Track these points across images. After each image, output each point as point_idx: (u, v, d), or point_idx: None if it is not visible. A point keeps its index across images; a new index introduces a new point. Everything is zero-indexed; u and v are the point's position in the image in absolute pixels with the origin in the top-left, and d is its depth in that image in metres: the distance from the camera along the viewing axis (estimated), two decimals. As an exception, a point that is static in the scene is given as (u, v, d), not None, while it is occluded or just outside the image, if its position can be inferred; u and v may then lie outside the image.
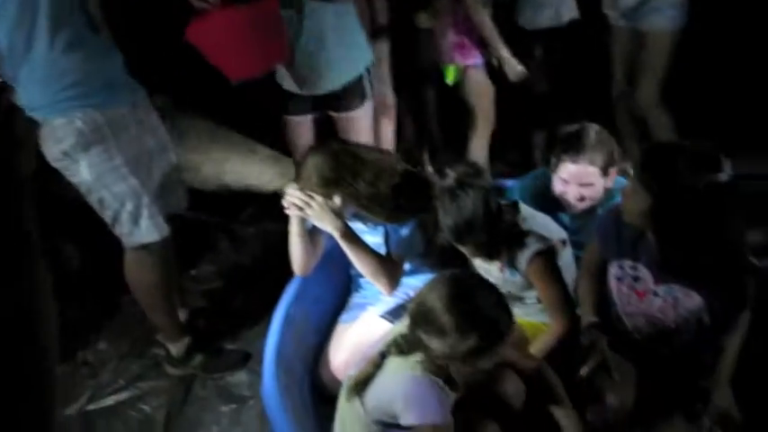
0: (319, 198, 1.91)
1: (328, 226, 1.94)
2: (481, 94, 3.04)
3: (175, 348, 2.40)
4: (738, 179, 1.47)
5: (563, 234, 1.91)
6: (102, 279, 3.00)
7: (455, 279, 1.50)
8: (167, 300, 2.33)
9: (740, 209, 1.51)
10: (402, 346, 1.53)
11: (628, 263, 1.64)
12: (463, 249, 1.87)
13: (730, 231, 1.47)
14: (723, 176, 1.42)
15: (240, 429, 2.19)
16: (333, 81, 2.52)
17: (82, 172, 1.98)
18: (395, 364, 1.54)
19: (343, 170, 1.90)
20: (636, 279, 1.64)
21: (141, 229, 2.10)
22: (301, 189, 1.93)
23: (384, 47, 2.96)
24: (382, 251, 2.07)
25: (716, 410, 1.53)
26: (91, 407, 2.37)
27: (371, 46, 2.69)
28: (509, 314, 1.48)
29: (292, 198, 1.93)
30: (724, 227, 1.46)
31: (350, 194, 1.92)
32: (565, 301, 1.82)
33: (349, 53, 2.52)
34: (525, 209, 1.91)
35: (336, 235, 1.95)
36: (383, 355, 1.57)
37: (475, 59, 2.95)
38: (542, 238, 1.83)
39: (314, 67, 2.47)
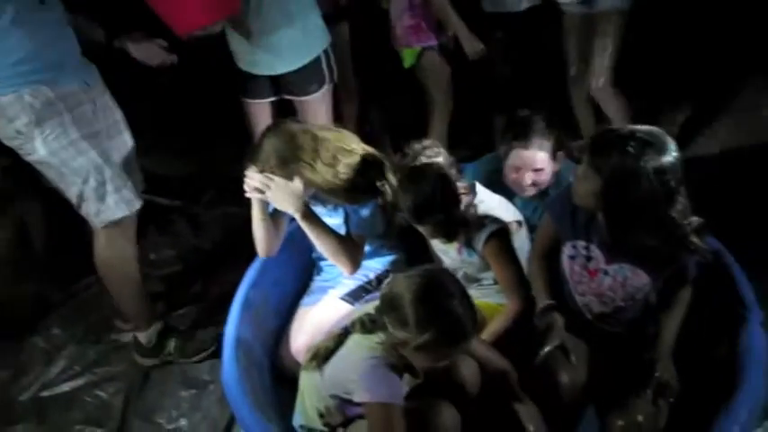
0: (279, 180, 1.88)
1: (289, 208, 1.92)
2: (438, 77, 3.05)
3: (146, 336, 2.34)
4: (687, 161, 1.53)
5: (519, 216, 1.94)
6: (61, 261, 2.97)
7: (429, 275, 1.51)
8: (138, 285, 2.28)
9: (685, 191, 1.56)
10: (366, 324, 1.55)
11: (581, 243, 1.69)
12: (422, 229, 1.89)
13: (675, 213, 1.51)
14: (669, 159, 1.46)
15: (200, 414, 2.18)
16: (290, 61, 2.49)
17: (38, 149, 1.92)
18: (355, 342, 1.56)
19: (301, 150, 1.87)
20: (588, 259, 1.68)
21: (109, 204, 2.05)
22: (260, 171, 1.90)
23: (345, 29, 2.94)
24: (342, 233, 2.07)
25: (657, 381, 1.59)
26: (45, 393, 2.34)
27: (333, 29, 2.67)
28: (474, 318, 1.50)
29: (252, 181, 1.91)
30: (669, 209, 1.50)
31: (309, 175, 1.90)
32: (520, 282, 1.86)
33: (306, 34, 2.49)
34: (482, 190, 1.93)
35: (297, 216, 1.93)
36: (346, 331, 1.59)
37: (430, 42, 2.95)
38: (498, 220, 1.86)
39: (272, 46, 2.44)
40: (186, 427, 2.15)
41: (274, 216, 2.07)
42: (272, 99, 2.66)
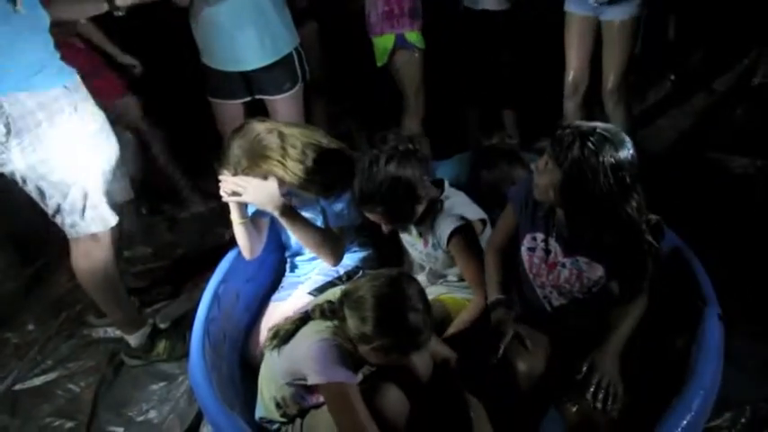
0: (254, 180, 1.89)
1: (268, 206, 1.93)
2: (410, 74, 3.06)
3: (135, 339, 2.33)
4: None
5: (483, 215, 1.96)
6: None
7: (395, 282, 1.53)
8: (120, 290, 2.25)
9: (642, 189, 1.59)
10: (326, 312, 1.58)
11: (540, 236, 1.72)
12: (369, 216, 1.90)
13: (630, 210, 1.54)
14: (626, 156, 1.50)
15: (169, 407, 2.19)
16: (261, 57, 2.51)
17: (15, 160, 1.84)
18: (309, 328, 1.59)
19: (270, 149, 1.88)
20: (547, 252, 1.71)
21: (86, 220, 2.01)
22: (234, 175, 1.90)
23: (314, 26, 2.95)
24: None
25: (597, 380, 1.59)
26: (18, 387, 2.34)
27: (303, 26, 2.69)
28: (431, 328, 1.53)
29: (228, 185, 1.91)
30: (625, 205, 1.53)
31: (281, 172, 1.91)
32: (482, 275, 1.87)
33: (277, 30, 2.51)
34: (449, 188, 1.96)
35: (277, 214, 1.94)
36: (306, 316, 1.62)
37: (404, 28, 2.93)
38: (462, 216, 1.88)
39: (242, 41, 2.45)
40: (155, 419, 2.16)
41: (254, 218, 2.07)
42: (245, 100, 2.66)
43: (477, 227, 1.91)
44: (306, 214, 2.07)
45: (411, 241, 2.00)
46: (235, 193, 1.91)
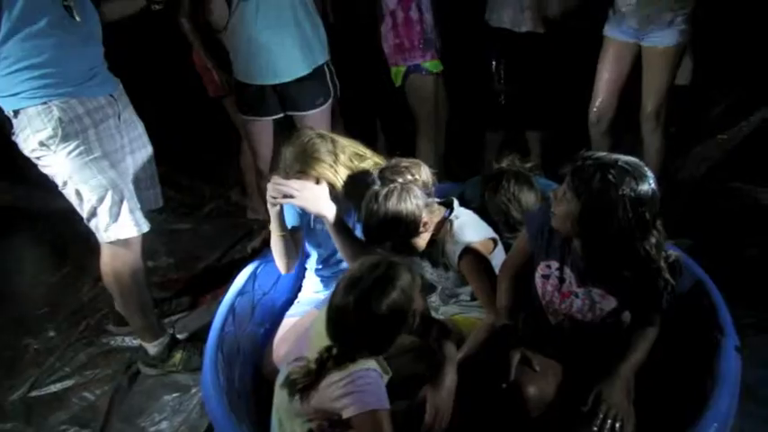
0: (307, 183, 1.88)
1: (322, 209, 1.89)
2: (423, 98, 3.08)
3: (154, 348, 2.36)
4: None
5: (493, 234, 1.95)
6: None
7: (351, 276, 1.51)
8: (144, 297, 2.29)
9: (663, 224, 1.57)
10: (329, 358, 1.52)
11: (555, 264, 1.69)
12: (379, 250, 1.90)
13: (649, 246, 1.51)
14: (647, 191, 1.47)
15: (181, 418, 2.21)
16: (293, 69, 2.55)
17: (59, 163, 1.93)
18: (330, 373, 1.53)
19: (322, 153, 1.90)
20: (561, 280, 1.68)
21: (119, 224, 2.06)
22: (286, 178, 1.89)
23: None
24: None
25: (604, 412, 1.54)
26: (33, 393, 2.38)
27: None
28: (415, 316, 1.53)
29: (281, 186, 1.87)
30: (644, 241, 1.50)
31: (331, 177, 1.91)
32: (494, 295, 1.84)
33: (309, 42, 2.56)
34: (458, 208, 1.96)
35: (330, 218, 1.90)
36: (322, 365, 1.54)
37: (415, 60, 2.99)
38: (473, 235, 1.88)
39: (282, 50, 2.50)
40: (167, 430, 2.18)
41: (292, 231, 2.08)
42: (277, 116, 2.69)
43: (487, 246, 1.90)
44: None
45: (422, 263, 2.01)
46: (285, 196, 1.88)
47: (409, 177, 1.83)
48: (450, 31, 3.13)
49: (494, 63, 3.09)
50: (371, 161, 1.98)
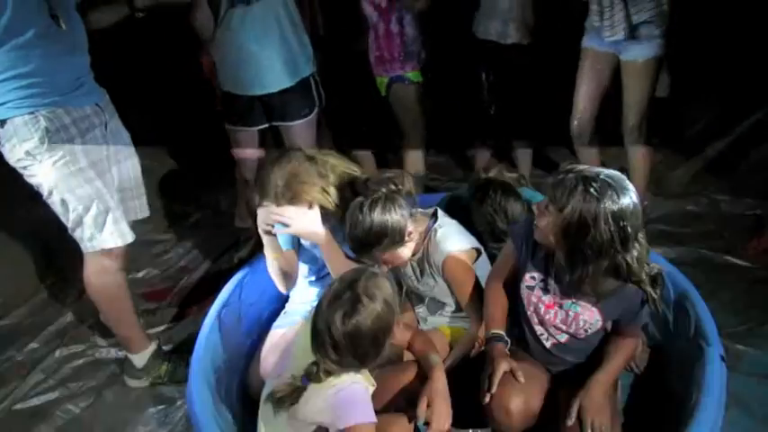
0: (300, 209, 1.87)
1: (314, 236, 1.91)
2: (405, 108, 3.12)
3: (139, 360, 2.34)
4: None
5: (476, 243, 1.96)
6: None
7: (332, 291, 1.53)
8: (129, 307, 2.28)
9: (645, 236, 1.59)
10: (320, 371, 1.54)
11: (539, 275, 1.71)
12: (365, 260, 1.89)
13: (631, 259, 1.52)
14: (628, 205, 1.48)
15: (167, 430, 2.19)
16: (280, 79, 2.56)
17: (45, 173, 1.92)
18: (314, 389, 1.55)
19: (313, 177, 1.88)
20: (545, 292, 1.70)
21: (104, 234, 2.05)
22: (277, 206, 1.87)
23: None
24: None
25: (589, 423, 1.55)
26: (17, 406, 2.34)
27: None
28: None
29: (272, 216, 1.87)
30: (626, 255, 1.51)
31: (323, 200, 1.90)
32: (478, 303, 1.86)
33: (295, 53, 2.57)
34: (443, 217, 1.97)
35: (322, 243, 1.92)
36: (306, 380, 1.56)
37: (396, 72, 3.03)
38: (456, 244, 1.89)
39: (261, 63, 2.51)
40: (152, 442, 2.16)
41: (286, 251, 2.07)
42: (262, 127, 2.70)
43: (470, 255, 1.91)
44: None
45: (408, 273, 2.01)
46: (283, 224, 1.87)
47: (393, 187, 1.83)
48: (437, 42, 3.15)
49: (483, 75, 3.11)
50: (359, 177, 1.98)
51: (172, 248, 3.27)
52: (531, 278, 1.72)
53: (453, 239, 1.90)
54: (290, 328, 2.17)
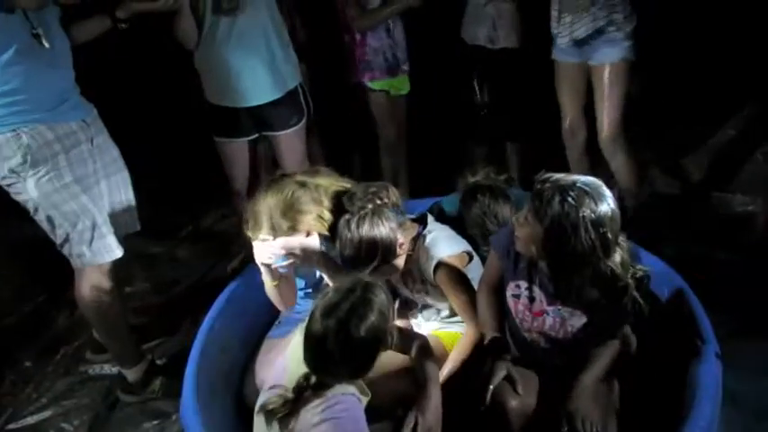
0: (299, 240, 1.85)
1: (316, 264, 1.91)
2: (380, 113, 3.14)
3: (132, 374, 2.32)
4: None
5: (467, 247, 1.96)
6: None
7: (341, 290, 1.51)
8: (121, 322, 2.26)
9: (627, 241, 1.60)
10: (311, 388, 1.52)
11: (524, 284, 1.71)
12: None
13: (614, 265, 1.53)
14: (606, 211, 1.48)
15: (162, 445, 2.18)
16: (268, 92, 2.55)
17: (29, 190, 1.91)
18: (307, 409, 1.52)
19: (308, 205, 1.86)
20: (531, 299, 1.70)
21: (93, 250, 2.04)
22: (274, 238, 1.84)
23: (302, 68, 3.04)
24: None
25: (578, 418, 1.56)
26: (11, 426, 2.32)
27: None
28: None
29: (273, 250, 1.85)
30: (607, 260, 1.52)
31: (319, 226, 1.88)
32: (472, 306, 1.86)
33: (282, 65, 2.57)
34: (432, 223, 1.97)
35: (323, 269, 1.92)
36: (297, 398, 1.54)
37: (362, 78, 3.06)
38: (446, 249, 1.89)
39: (249, 77, 2.50)
40: (148, 458, 2.14)
41: (282, 275, 2.03)
42: (251, 137, 2.69)
43: (461, 259, 1.91)
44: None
45: (400, 280, 2.01)
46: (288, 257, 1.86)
47: (378, 202, 1.82)
48: (426, 46, 3.17)
49: (474, 79, 3.12)
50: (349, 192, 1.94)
51: (164, 261, 3.26)
52: (515, 287, 1.73)
53: (443, 244, 1.90)
54: (284, 338, 2.16)
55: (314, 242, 1.89)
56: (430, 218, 1.98)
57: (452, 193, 2.41)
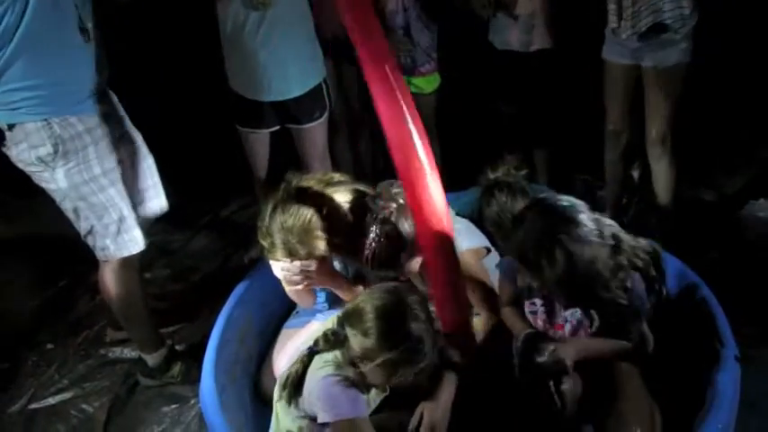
0: (318, 265, 1.85)
1: (332, 285, 1.95)
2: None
3: (152, 359, 2.36)
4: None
5: (486, 243, 1.96)
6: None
7: (394, 291, 1.54)
8: (144, 310, 2.30)
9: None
10: (329, 338, 1.58)
11: (539, 301, 1.74)
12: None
13: (612, 292, 1.58)
14: (593, 254, 1.53)
15: (180, 429, 2.21)
16: (298, 87, 2.57)
17: (58, 180, 1.92)
18: (316, 363, 1.58)
19: (320, 230, 1.81)
20: (550, 314, 1.73)
21: (118, 243, 2.06)
22: (292, 261, 1.84)
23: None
24: None
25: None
26: (33, 405, 2.37)
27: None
28: (432, 339, 1.51)
29: (297, 277, 1.86)
30: (608, 291, 1.58)
31: (336, 250, 1.88)
32: (489, 296, 1.88)
33: (310, 61, 2.59)
34: (452, 215, 1.96)
35: (338, 290, 1.96)
36: (311, 351, 1.62)
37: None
38: (466, 242, 1.90)
39: (280, 73, 2.51)
40: (166, 441, 2.18)
41: None
42: (274, 129, 2.72)
43: (479, 253, 1.92)
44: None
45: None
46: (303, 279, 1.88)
47: (401, 201, 1.81)
48: (454, 49, 3.15)
49: (504, 84, 3.05)
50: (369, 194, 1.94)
51: (183, 249, 3.29)
52: (531, 304, 1.76)
53: (463, 237, 1.90)
54: (302, 328, 2.18)
55: (329, 264, 1.91)
56: (450, 211, 1.98)
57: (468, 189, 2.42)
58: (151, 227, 2.37)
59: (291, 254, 1.81)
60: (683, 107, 2.64)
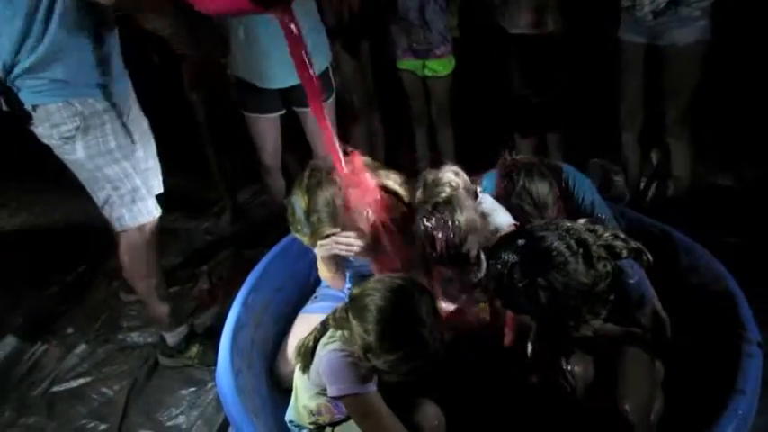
0: (358, 238, 1.85)
1: (369, 255, 1.92)
2: (407, 91, 3.20)
3: (172, 337, 2.40)
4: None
5: (512, 219, 1.94)
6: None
7: (401, 290, 1.51)
8: (162, 282, 2.34)
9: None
10: (336, 319, 1.58)
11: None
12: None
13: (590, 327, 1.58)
14: (577, 280, 1.49)
15: (197, 412, 2.23)
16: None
17: (77, 150, 2.00)
18: (325, 338, 1.60)
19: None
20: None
21: (133, 212, 2.12)
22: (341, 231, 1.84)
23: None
24: None
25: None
26: (54, 389, 2.41)
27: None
28: (438, 343, 1.49)
29: (342, 246, 1.85)
30: (603, 305, 1.55)
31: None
32: None
33: (316, 48, 2.55)
34: (483, 196, 1.95)
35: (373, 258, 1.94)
36: (324, 327, 1.63)
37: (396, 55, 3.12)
38: (505, 217, 1.89)
39: (287, 60, 2.50)
40: (183, 424, 2.19)
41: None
42: (280, 113, 2.72)
43: (508, 230, 1.89)
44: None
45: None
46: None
47: (449, 190, 1.79)
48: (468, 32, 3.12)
49: (516, 67, 3.01)
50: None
51: (195, 237, 3.32)
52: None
53: (500, 213, 1.89)
54: (319, 314, 2.18)
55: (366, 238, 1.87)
56: (479, 191, 1.96)
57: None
58: (166, 215, 2.39)
59: (334, 223, 1.83)
60: (703, 89, 2.58)
